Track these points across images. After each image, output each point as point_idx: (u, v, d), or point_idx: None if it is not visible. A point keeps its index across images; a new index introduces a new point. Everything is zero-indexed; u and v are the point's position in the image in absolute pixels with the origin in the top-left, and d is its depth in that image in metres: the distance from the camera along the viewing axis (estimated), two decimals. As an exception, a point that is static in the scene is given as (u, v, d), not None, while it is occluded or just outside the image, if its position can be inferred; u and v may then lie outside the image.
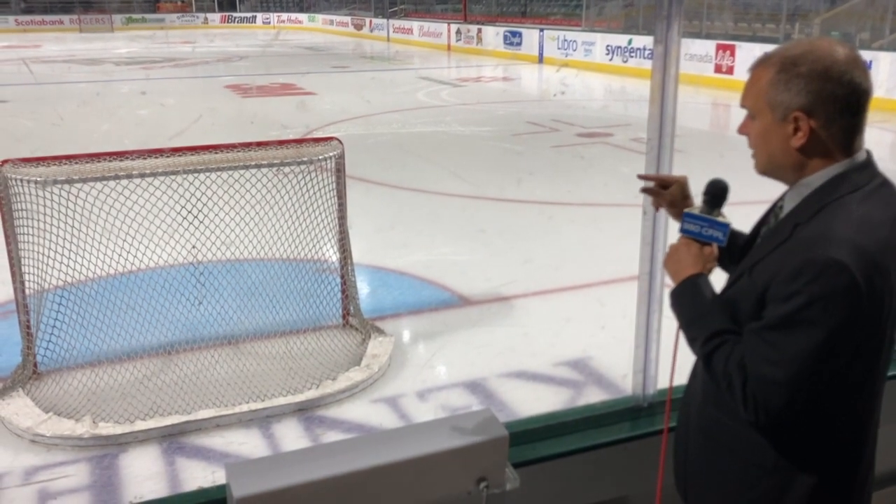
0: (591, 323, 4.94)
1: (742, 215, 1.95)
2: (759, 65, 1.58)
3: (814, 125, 1.51)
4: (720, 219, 1.73)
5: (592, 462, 2.33)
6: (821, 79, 1.49)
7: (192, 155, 4.09)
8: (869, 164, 1.57)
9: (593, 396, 4.05)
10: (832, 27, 16.62)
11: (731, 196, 1.79)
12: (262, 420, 3.87)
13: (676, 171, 2.26)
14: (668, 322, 2.28)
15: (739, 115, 1.70)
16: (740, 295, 1.62)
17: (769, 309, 1.51)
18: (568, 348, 4.60)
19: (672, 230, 2.30)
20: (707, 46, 17.15)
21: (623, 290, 4.07)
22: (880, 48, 14.65)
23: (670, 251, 1.79)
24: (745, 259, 1.67)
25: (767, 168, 1.62)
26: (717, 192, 1.75)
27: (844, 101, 1.50)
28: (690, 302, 1.69)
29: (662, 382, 2.35)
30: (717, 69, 16.89)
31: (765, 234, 1.69)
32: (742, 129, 1.65)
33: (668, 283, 2.25)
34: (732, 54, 16.56)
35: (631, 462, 2.36)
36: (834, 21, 16.74)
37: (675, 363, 1.84)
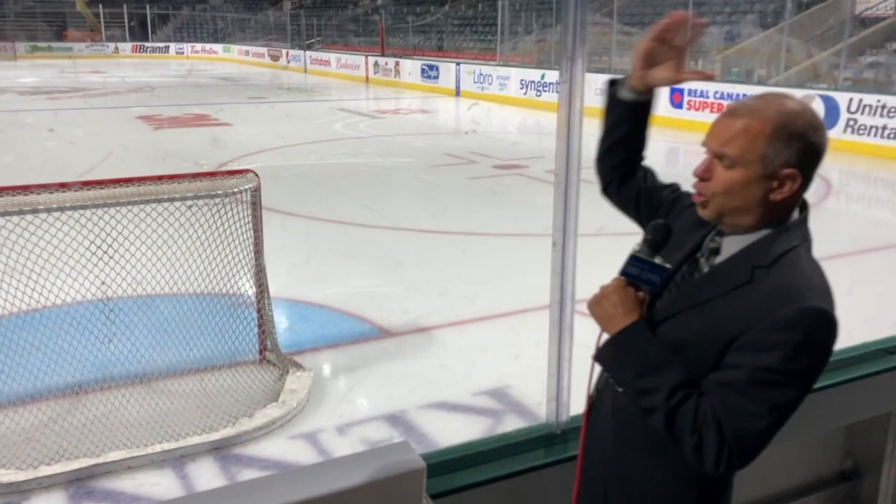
0: (505, 352, 5.01)
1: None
2: (750, 115, 1.53)
3: (799, 183, 1.53)
4: (665, 264, 1.65)
5: (509, 490, 2.36)
6: (811, 139, 1.51)
7: (101, 189, 3.99)
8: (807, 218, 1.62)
9: (511, 424, 4.10)
10: (733, 64, 17.46)
11: (624, 227, 1.81)
12: (176, 460, 3.76)
13: (585, 201, 2.34)
14: (580, 350, 2.36)
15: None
16: (687, 334, 1.58)
17: (746, 357, 1.47)
18: (484, 378, 4.65)
19: (581, 260, 2.39)
20: (616, 81, 17.77)
21: (535, 320, 4.16)
22: (776, 84, 15.48)
23: (601, 294, 1.66)
24: (678, 296, 1.66)
25: (729, 213, 1.57)
26: (661, 236, 1.67)
27: (819, 159, 1.54)
28: (643, 350, 1.58)
29: (575, 409, 2.42)
30: (626, 103, 17.47)
31: (710, 272, 1.64)
32: (706, 173, 1.57)
33: (580, 311, 2.34)
34: (640, 89, 17.21)
35: (547, 489, 2.40)
36: (734, 58, 17.59)
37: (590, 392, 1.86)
